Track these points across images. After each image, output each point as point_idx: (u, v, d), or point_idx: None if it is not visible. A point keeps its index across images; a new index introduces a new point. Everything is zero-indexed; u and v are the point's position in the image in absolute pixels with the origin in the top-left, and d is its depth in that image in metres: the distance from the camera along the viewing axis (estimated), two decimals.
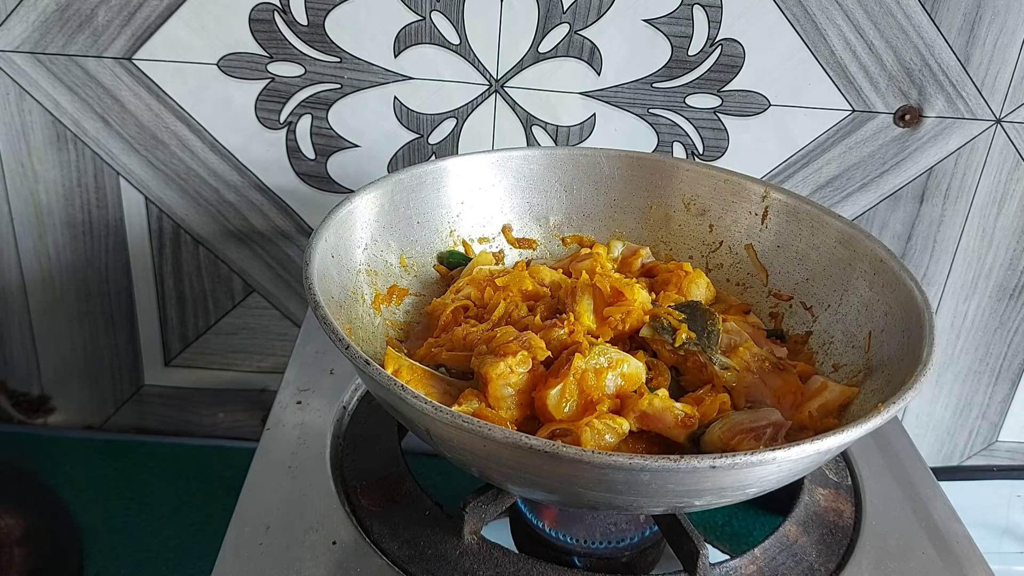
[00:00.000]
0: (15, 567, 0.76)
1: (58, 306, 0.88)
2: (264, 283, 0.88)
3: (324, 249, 0.54)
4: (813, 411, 0.51)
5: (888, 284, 0.55)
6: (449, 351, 0.54)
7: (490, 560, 0.51)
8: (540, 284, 0.59)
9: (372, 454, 0.59)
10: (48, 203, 0.83)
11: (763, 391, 0.52)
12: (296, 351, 0.69)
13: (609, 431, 0.47)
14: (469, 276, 0.60)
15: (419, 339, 0.58)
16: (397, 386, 0.42)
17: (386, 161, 0.82)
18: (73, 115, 0.79)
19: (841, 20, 0.75)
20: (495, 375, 0.49)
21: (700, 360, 0.52)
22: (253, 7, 0.75)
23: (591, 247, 0.67)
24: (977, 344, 0.91)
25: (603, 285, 0.55)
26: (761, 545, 0.53)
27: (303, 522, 0.53)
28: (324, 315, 0.47)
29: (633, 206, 0.68)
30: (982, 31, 0.75)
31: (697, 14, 0.75)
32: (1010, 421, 0.96)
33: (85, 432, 0.94)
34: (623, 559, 0.58)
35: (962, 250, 0.86)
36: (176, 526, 0.80)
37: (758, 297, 0.64)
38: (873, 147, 0.80)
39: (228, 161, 0.81)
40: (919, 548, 0.54)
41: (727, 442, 0.48)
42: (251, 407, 0.95)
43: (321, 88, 0.78)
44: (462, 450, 0.44)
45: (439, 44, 0.76)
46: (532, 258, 0.67)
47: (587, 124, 0.80)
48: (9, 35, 0.75)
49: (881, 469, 0.61)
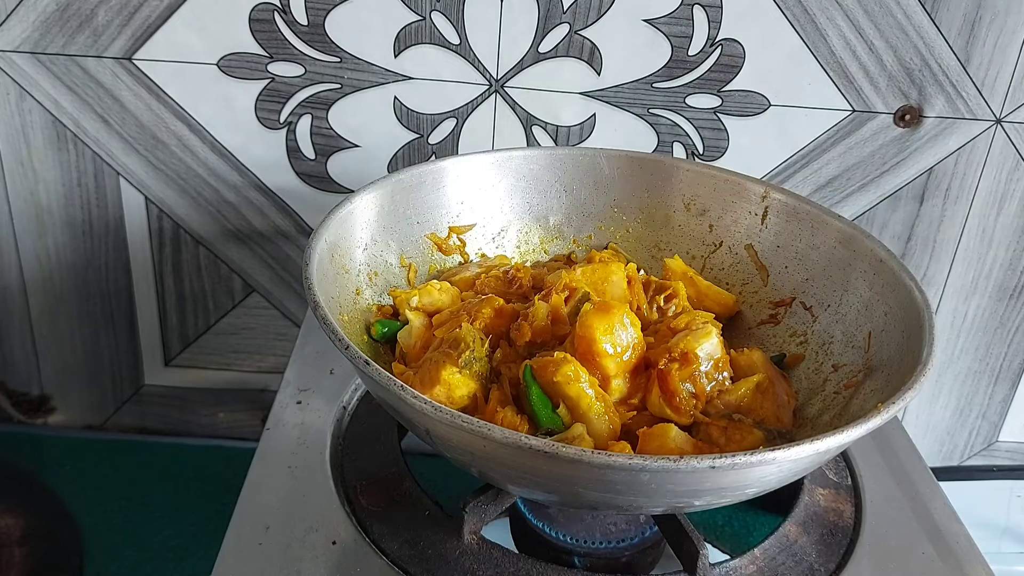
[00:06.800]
0: (15, 567, 0.76)
1: (58, 306, 0.88)
2: (264, 283, 0.88)
3: (324, 249, 0.54)
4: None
5: (888, 284, 0.55)
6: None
7: (490, 560, 0.51)
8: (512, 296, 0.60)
9: (372, 454, 0.59)
10: (48, 203, 0.83)
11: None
12: (296, 351, 0.69)
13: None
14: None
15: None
16: (397, 386, 0.42)
17: (386, 161, 0.82)
18: (73, 115, 0.79)
19: (841, 20, 0.75)
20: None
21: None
22: (253, 7, 0.75)
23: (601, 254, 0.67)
24: (977, 344, 0.91)
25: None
26: (761, 545, 0.53)
27: (303, 522, 0.53)
28: (324, 315, 0.47)
29: (633, 206, 0.68)
30: (982, 31, 0.75)
31: (697, 14, 0.75)
32: (1010, 421, 0.96)
33: (85, 432, 0.94)
34: (623, 559, 0.58)
35: (962, 250, 0.86)
36: (176, 526, 0.80)
37: (758, 298, 0.64)
38: (873, 147, 0.80)
39: (228, 161, 0.81)
40: (919, 548, 0.54)
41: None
42: (251, 407, 0.95)
43: (321, 88, 0.78)
44: (462, 450, 0.44)
45: (439, 44, 0.76)
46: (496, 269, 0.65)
47: (587, 124, 0.80)
48: (9, 35, 0.75)
49: (881, 469, 0.61)
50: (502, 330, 0.55)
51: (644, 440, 0.48)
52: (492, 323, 0.54)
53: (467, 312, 0.55)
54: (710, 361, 0.52)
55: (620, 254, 0.67)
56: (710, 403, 0.52)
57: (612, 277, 0.57)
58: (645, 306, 0.59)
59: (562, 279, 0.56)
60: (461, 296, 0.59)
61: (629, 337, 0.51)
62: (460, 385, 0.50)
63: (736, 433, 0.50)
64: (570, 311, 0.55)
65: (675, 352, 0.51)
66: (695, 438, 0.50)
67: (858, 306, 0.57)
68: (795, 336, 0.60)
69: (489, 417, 0.49)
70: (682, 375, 0.51)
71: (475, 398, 0.51)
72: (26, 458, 0.88)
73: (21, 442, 0.90)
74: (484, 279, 0.61)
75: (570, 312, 0.55)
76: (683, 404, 0.50)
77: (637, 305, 0.58)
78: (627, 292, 0.58)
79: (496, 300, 0.55)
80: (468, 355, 0.51)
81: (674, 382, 0.50)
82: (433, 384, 0.50)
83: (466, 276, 0.62)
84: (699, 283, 0.63)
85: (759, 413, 0.52)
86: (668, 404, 0.50)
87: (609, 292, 0.57)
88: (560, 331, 0.54)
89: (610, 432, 0.49)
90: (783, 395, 0.54)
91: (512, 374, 0.52)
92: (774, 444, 0.49)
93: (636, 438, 0.49)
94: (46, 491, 0.83)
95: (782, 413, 0.53)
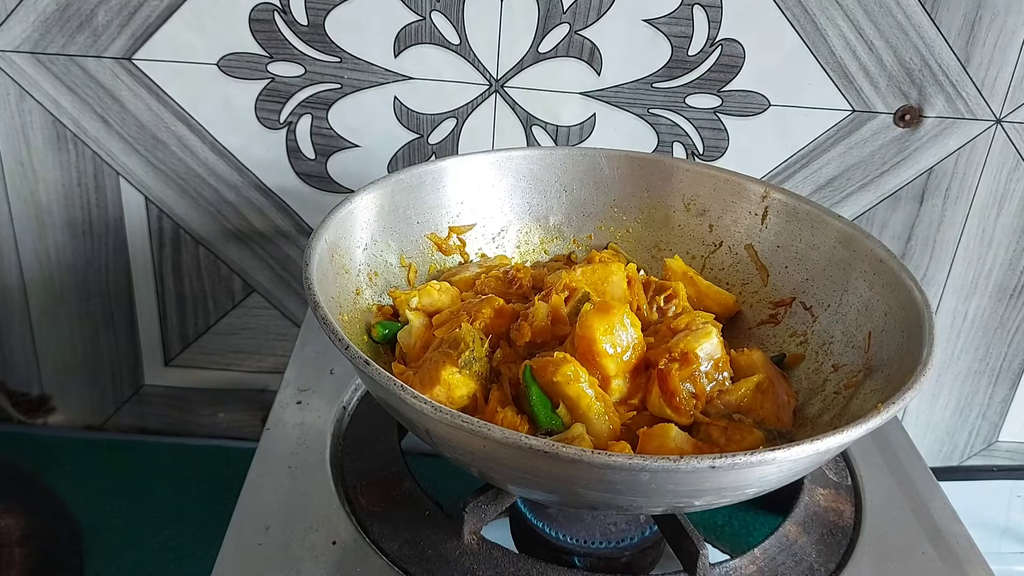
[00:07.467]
0: (15, 567, 0.76)
1: (58, 306, 0.88)
2: (264, 283, 0.88)
3: (324, 249, 0.54)
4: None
5: (888, 284, 0.55)
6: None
7: (490, 560, 0.51)
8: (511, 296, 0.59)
9: (372, 454, 0.59)
10: (48, 203, 0.83)
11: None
12: (296, 351, 0.69)
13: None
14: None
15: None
16: (397, 386, 0.42)
17: (386, 161, 0.82)
18: (73, 115, 0.79)
19: (841, 20, 0.75)
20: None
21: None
22: (253, 7, 0.75)
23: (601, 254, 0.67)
24: (977, 344, 0.91)
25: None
26: (761, 545, 0.53)
27: (303, 522, 0.53)
28: (324, 315, 0.47)
29: (633, 206, 0.68)
30: (982, 31, 0.75)
31: (697, 14, 0.75)
32: (1010, 421, 0.96)
33: (85, 432, 0.94)
34: (623, 559, 0.58)
35: (962, 250, 0.86)
36: (176, 526, 0.80)
37: (758, 298, 0.64)
38: (873, 147, 0.80)
39: (228, 161, 0.81)
40: (919, 548, 0.54)
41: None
42: (251, 407, 0.95)
43: (321, 88, 0.78)
44: (462, 450, 0.44)
45: (439, 44, 0.76)
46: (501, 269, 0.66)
47: (587, 124, 0.80)
48: (9, 35, 0.75)
49: (881, 469, 0.61)
50: (502, 330, 0.55)
51: (644, 440, 0.48)
52: (492, 323, 0.54)
53: (467, 312, 0.55)
54: (710, 361, 0.52)
55: (620, 254, 0.67)
56: (710, 403, 0.52)
57: (612, 277, 0.57)
58: (645, 306, 0.59)
59: (562, 279, 0.56)
60: (461, 296, 0.59)
61: (629, 337, 0.51)
62: (460, 385, 0.50)
63: (736, 433, 0.50)
64: (570, 311, 0.55)
65: (675, 352, 0.51)
66: (695, 438, 0.50)
67: (858, 306, 0.57)
68: (795, 336, 0.60)
69: (489, 417, 0.49)
70: (682, 375, 0.51)
71: (475, 398, 0.51)
72: (26, 458, 0.88)
73: (21, 442, 0.90)
74: (484, 279, 0.61)
75: (570, 312, 0.55)
76: (683, 404, 0.50)
77: (637, 305, 0.58)
78: (627, 292, 0.58)
79: (496, 300, 0.55)
80: (468, 355, 0.51)
81: (674, 382, 0.50)
82: (433, 384, 0.50)
83: (466, 276, 0.62)
84: (699, 283, 0.63)
85: (759, 413, 0.52)
86: (668, 404, 0.50)
87: (609, 292, 0.57)
88: (560, 331, 0.54)
89: (610, 432, 0.49)
90: (783, 395, 0.54)
91: (512, 374, 0.52)
92: (774, 444, 0.49)
93: (636, 438, 0.49)
94: (46, 491, 0.83)
95: (782, 413, 0.53)
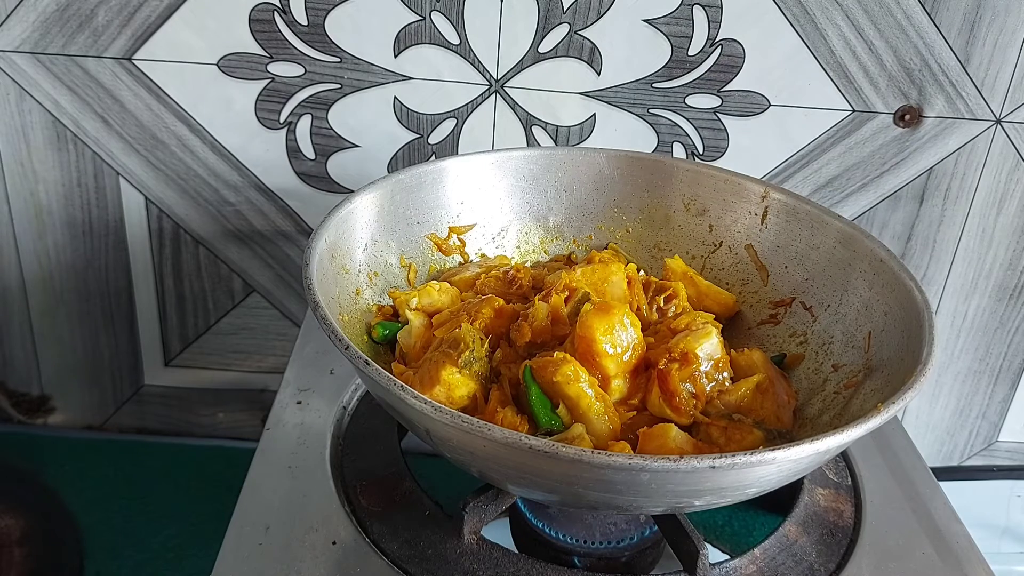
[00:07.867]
0: (15, 567, 0.76)
1: (58, 306, 0.88)
2: (264, 283, 0.88)
3: (324, 249, 0.54)
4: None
5: (888, 284, 0.55)
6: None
7: (490, 560, 0.51)
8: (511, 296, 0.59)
9: (372, 454, 0.59)
10: (48, 203, 0.83)
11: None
12: (296, 351, 0.69)
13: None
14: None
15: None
16: (397, 386, 0.42)
17: (386, 161, 0.82)
18: (73, 115, 0.79)
19: (841, 20, 0.75)
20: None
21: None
22: (253, 7, 0.75)
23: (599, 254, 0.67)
24: (977, 344, 0.91)
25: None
26: (761, 545, 0.53)
27: (303, 522, 0.53)
28: (324, 315, 0.47)
29: (633, 206, 0.68)
30: (982, 31, 0.75)
31: (697, 14, 0.75)
32: (1010, 421, 0.96)
33: (85, 432, 0.94)
34: (623, 559, 0.57)
35: (962, 250, 0.86)
36: (176, 526, 0.80)
37: (758, 298, 0.64)
38: (873, 147, 0.80)
39: (228, 161, 0.81)
40: (919, 548, 0.54)
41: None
42: (251, 407, 0.95)
43: (321, 88, 0.78)
44: (462, 450, 0.44)
45: (439, 44, 0.76)
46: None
47: (587, 124, 0.80)
48: (9, 35, 0.75)
49: (881, 469, 0.61)
50: (502, 330, 0.55)
51: (644, 440, 0.48)
52: (492, 323, 0.54)
53: (467, 312, 0.55)
54: (710, 361, 0.52)
55: (620, 254, 0.67)
56: (710, 403, 0.52)
57: (612, 277, 0.57)
58: (645, 306, 0.59)
59: (562, 279, 0.56)
60: (461, 296, 0.59)
61: (629, 337, 0.51)
62: (460, 385, 0.50)
63: (736, 433, 0.50)
64: (570, 311, 0.55)
65: (675, 352, 0.51)
66: (695, 438, 0.50)
67: (858, 306, 0.57)
68: (795, 336, 0.60)
69: (489, 417, 0.49)
70: (682, 375, 0.51)
71: (475, 398, 0.51)
72: (26, 458, 0.88)
73: (21, 442, 0.90)
74: (484, 279, 0.61)
75: (570, 312, 0.55)
76: (683, 404, 0.50)
77: (637, 305, 0.58)
78: (627, 292, 0.58)
79: (496, 300, 0.55)
80: (468, 355, 0.51)
81: (674, 382, 0.50)
82: (433, 384, 0.50)
83: (466, 276, 0.62)
84: (699, 283, 0.63)
85: (759, 413, 0.52)
86: (668, 404, 0.50)
87: (609, 292, 0.57)
88: (560, 331, 0.54)
89: (610, 432, 0.49)
90: (783, 395, 0.54)
91: (512, 374, 0.52)
92: (774, 444, 0.49)
93: (636, 438, 0.49)
94: (46, 491, 0.83)
95: (782, 413, 0.53)
